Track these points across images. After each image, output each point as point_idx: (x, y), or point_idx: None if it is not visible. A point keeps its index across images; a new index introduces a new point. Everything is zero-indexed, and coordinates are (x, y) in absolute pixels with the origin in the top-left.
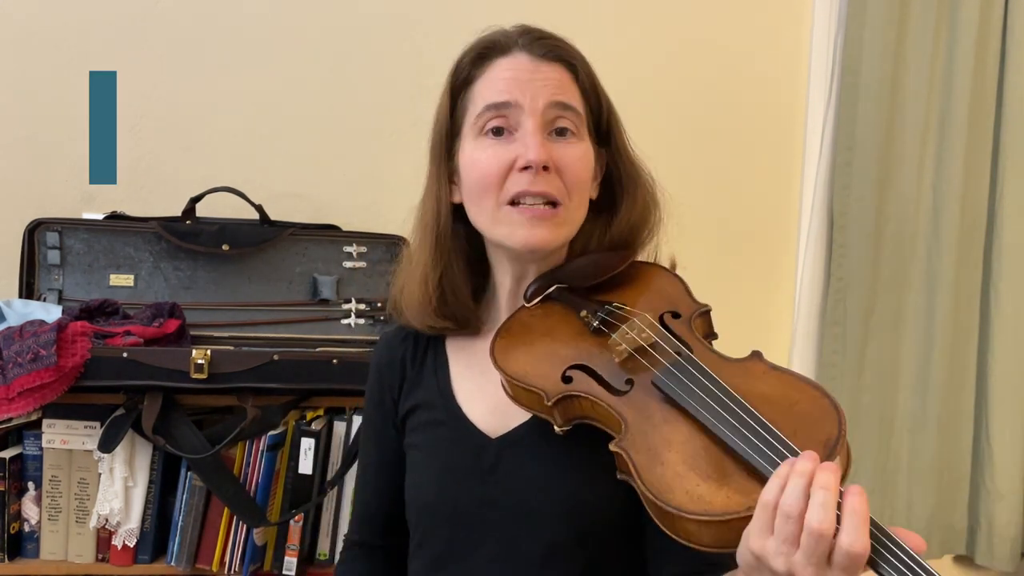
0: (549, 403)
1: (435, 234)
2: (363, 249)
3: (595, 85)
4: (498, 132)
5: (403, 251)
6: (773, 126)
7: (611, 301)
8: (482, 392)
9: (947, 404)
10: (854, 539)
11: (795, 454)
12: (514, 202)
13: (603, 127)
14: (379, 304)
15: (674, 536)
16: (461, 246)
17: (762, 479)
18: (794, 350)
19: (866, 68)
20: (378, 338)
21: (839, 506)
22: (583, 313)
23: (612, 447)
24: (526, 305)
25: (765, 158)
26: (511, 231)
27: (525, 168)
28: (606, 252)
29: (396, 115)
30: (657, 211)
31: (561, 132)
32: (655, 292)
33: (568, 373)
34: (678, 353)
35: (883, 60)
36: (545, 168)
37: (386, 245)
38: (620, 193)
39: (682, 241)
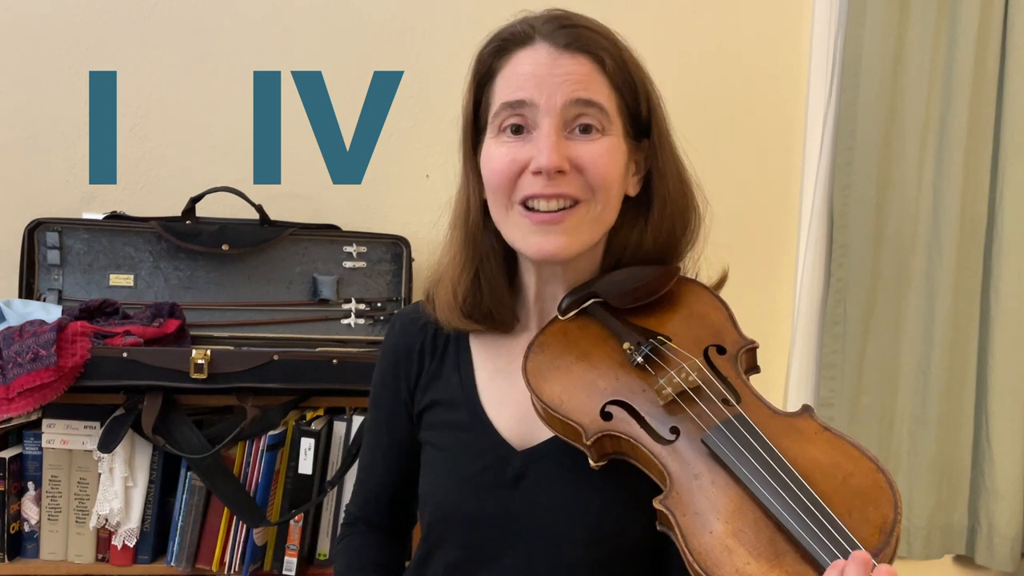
0: (588, 442)
1: (465, 233)
2: (363, 249)
3: (628, 73)
4: (517, 130)
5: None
6: (773, 126)
7: (655, 331)
8: (509, 398)
9: (947, 404)
10: None
11: (852, 543)
12: (525, 204)
13: (643, 118)
14: (379, 304)
15: None
16: (495, 242)
17: (814, 564)
18: (794, 350)
19: (866, 68)
20: (379, 338)
21: None
22: (626, 345)
23: (656, 505)
24: (560, 318)
25: (765, 158)
26: (522, 236)
27: (538, 172)
28: (647, 267)
29: (396, 115)
30: (696, 215)
31: (585, 129)
32: (699, 320)
33: (608, 409)
34: (725, 403)
35: (883, 60)
36: (560, 172)
37: (386, 245)
38: (658, 189)
39: None
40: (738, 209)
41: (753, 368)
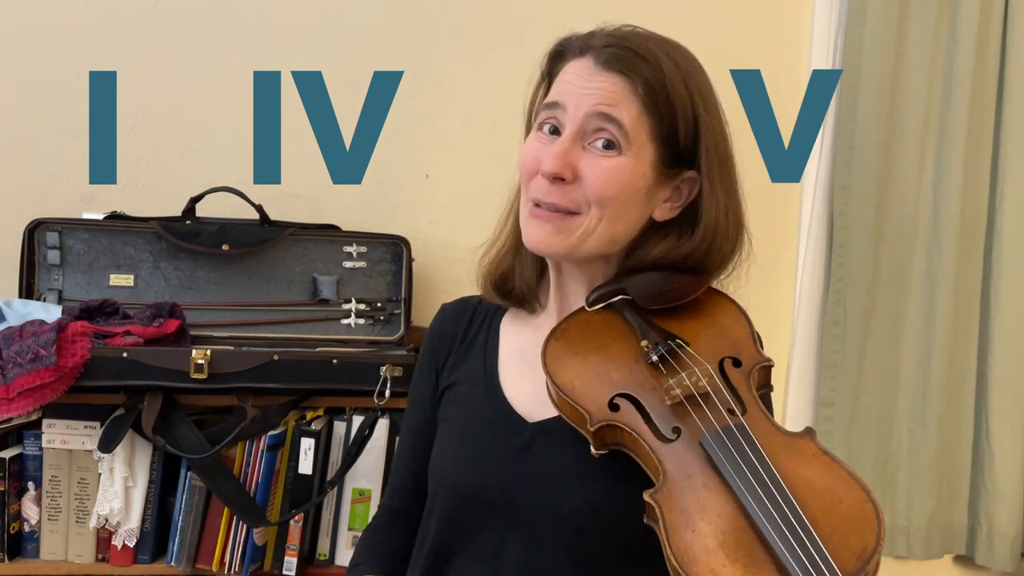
0: (591, 428)
1: (512, 217)
2: (363, 249)
3: (668, 99)
4: (554, 131)
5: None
6: None
7: (675, 334)
8: (527, 379)
9: (947, 404)
10: None
11: (827, 563)
12: (533, 201)
13: (684, 146)
14: (379, 304)
15: None
16: None
17: None
18: (794, 350)
19: (866, 68)
20: (379, 338)
21: None
22: (644, 342)
23: (646, 498)
24: (587, 309)
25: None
26: (524, 224)
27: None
28: (678, 273)
29: (396, 115)
30: (731, 256)
31: (608, 145)
32: (721, 331)
33: (616, 400)
34: (730, 413)
35: (883, 60)
36: (562, 179)
37: (386, 245)
38: (702, 219)
39: None
40: None
41: (766, 386)
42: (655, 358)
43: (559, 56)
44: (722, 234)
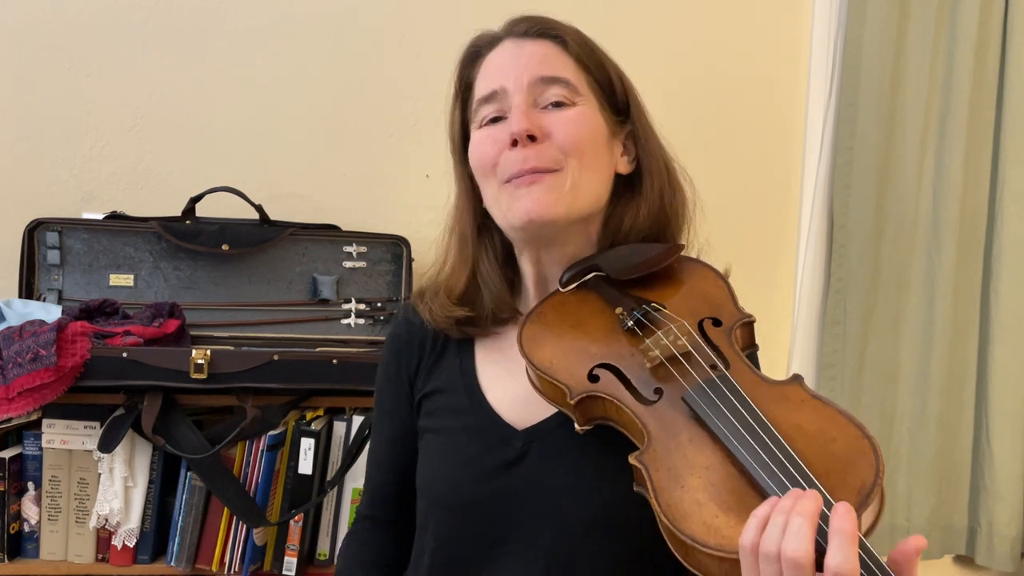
0: (572, 401)
1: (460, 237)
2: (363, 249)
3: (595, 55)
4: (496, 120)
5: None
6: (773, 126)
7: (650, 300)
8: (509, 381)
9: (947, 404)
10: (840, 560)
11: (826, 501)
12: (510, 180)
13: (620, 99)
14: (379, 304)
15: (686, 564)
16: (493, 244)
17: None
18: (794, 350)
19: (866, 68)
20: (379, 338)
21: (826, 529)
22: (618, 310)
23: (632, 460)
24: (560, 290)
25: (765, 158)
26: (511, 205)
27: (514, 144)
28: (650, 243)
29: (396, 115)
30: (681, 192)
31: (558, 104)
32: (697, 294)
33: (595, 371)
34: (712, 368)
35: (883, 60)
36: (533, 139)
37: (386, 245)
38: (645, 165)
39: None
40: (738, 209)
41: (751, 345)
42: (631, 323)
43: (474, 58)
44: (664, 175)
